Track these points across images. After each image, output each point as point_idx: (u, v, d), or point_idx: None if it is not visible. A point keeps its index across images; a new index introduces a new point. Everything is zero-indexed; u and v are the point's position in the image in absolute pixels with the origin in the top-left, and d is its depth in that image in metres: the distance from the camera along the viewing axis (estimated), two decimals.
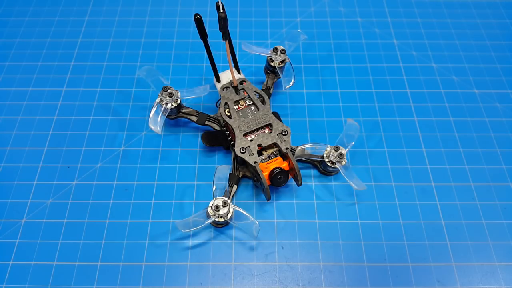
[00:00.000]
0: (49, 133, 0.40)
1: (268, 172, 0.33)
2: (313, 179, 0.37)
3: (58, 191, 0.36)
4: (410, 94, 0.43)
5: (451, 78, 0.44)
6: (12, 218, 0.35)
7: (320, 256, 0.33)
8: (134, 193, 0.36)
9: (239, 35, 0.48)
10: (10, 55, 0.46)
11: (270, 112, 0.36)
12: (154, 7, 0.50)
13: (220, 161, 0.38)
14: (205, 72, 0.44)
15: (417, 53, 0.46)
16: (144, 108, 0.42)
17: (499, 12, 0.51)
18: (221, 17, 0.30)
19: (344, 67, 0.45)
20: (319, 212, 0.35)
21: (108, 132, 0.40)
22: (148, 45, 0.46)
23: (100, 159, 0.38)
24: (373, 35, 0.48)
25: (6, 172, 0.37)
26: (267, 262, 0.33)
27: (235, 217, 0.33)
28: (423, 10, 0.50)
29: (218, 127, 0.38)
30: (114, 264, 0.33)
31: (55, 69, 0.44)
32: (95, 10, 0.50)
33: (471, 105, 0.42)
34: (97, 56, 0.46)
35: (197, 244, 0.34)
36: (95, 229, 0.34)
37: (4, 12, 0.49)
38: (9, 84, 0.43)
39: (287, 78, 0.40)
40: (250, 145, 0.34)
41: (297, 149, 0.35)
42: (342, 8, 0.51)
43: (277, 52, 0.39)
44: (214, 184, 0.33)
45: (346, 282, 0.32)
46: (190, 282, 0.32)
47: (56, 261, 0.33)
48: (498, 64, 0.46)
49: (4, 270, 0.33)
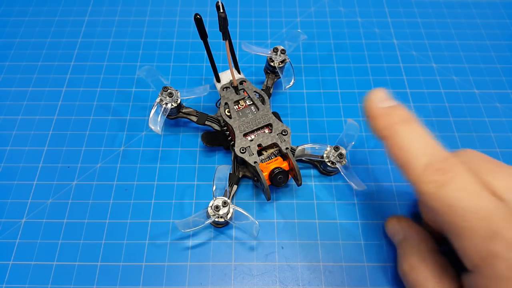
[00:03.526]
0: (49, 133, 0.40)
1: (268, 172, 0.33)
2: (313, 179, 0.37)
3: (58, 191, 0.36)
4: (410, 94, 0.43)
5: (451, 78, 0.44)
6: (12, 218, 0.35)
7: (320, 256, 0.33)
8: (134, 193, 0.36)
9: (239, 35, 0.48)
10: (10, 55, 0.46)
11: (270, 112, 0.36)
12: (154, 7, 0.50)
13: (220, 161, 0.38)
14: (205, 72, 0.44)
15: (417, 53, 0.46)
16: (144, 108, 0.42)
17: (499, 12, 0.51)
18: (221, 17, 0.29)
19: (344, 67, 0.45)
20: (319, 212, 0.35)
21: (108, 132, 0.40)
22: (148, 45, 0.46)
23: (100, 159, 0.38)
24: (373, 35, 0.48)
25: (6, 172, 0.37)
26: (267, 262, 0.33)
27: (235, 217, 0.33)
28: (423, 10, 0.50)
29: (218, 127, 0.38)
30: (114, 264, 0.33)
31: (55, 69, 0.44)
32: (95, 10, 0.50)
33: (471, 105, 0.42)
34: (97, 56, 0.46)
35: (197, 244, 0.34)
36: (95, 229, 0.34)
37: (4, 12, 0.50)
38: (9, 84, 0.43)
39: (287, 78, 0.40)
40: (250, 145, 0.34)
41: (297, 149, 0.35)
42: (342, 8, 0.51)
43: (277, 52, 0.39)
44: (214, 184, 0.33)
45: (346, 282, 0.32)
46: (190, 282, 0.32)
47: (56, 261, 0.33)
48: (498, 64, 0.46)
49: (4, 270, 0.33)
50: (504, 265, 0.21)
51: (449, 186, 0.23)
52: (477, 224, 0.22)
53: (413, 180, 0.24)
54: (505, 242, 0.21)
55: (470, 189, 0.23)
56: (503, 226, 0.21)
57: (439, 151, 0.25)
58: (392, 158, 0.26)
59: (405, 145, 0.25)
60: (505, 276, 0.21)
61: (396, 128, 0.26)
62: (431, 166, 0.24)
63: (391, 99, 0.28)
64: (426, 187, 0.24)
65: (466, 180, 0.23)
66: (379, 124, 0.27)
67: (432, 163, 0.24)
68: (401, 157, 0.25)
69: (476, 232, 0.22)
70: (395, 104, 0.27)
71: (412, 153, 0.25)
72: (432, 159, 0.24)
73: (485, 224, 0.22)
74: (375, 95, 0.28)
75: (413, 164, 0.24)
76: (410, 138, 0.25)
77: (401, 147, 0.25)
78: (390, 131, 0.26)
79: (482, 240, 0.22)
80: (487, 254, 0.21)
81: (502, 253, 0.21)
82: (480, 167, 0.25)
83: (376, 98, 0.28)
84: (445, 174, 0.23)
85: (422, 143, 0.25)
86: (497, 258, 0.21)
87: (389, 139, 0.26)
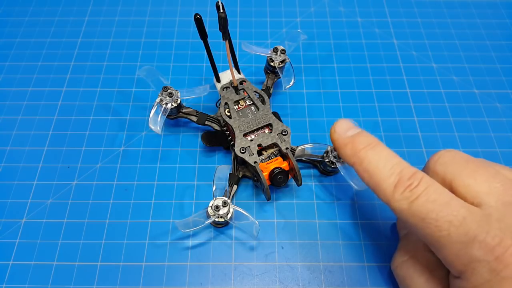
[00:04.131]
0: (49, 133, 0.40)
1: (268, 172, 0.33)
2: (313, 179, 0.37)
3: (58, 191, 0.36)
4: (410, 94, 0.43)
5: (451, 78, 0.44)
6: (12, 218, 0.35)
7: (320, 256, 0.33)
8: (134, 193, 0.36)
9: (239, 35, 0.48)
10: (10, 55, 0.46)
11: (270, 112, 0.36)
12: (154, 7, 0.50)
13: (220, 161, 0.38)
14: (205, 72, 0.44)
15: (417, 53, 0.46)
16: (144, 108, 0.42)
17: (499, 12, 0.51)
18: (221, 17, 0.29)
19: (344, 67, 0.45)
20: (319, 212, 0.35)
21: (108, 132, 0.40)
22: (148, 45, 0.46)
23: (100, 159, 0.38)
24: (373, 35, 0.48)
25: (6, 172, 0.37)
26: (267, 262, 0.33)
27: (235, 217, 0.33)
28: (423, 10, 0.50)
29: (218, 127, 0.38)
30: (114, 264, 0.33)
31: (55, 69, 0.44)
32: (95, 10, 0.50)
33: (471, 105, 0.42)
34: (97, 56, 0.46)
35: (197, 244, 0.34)
36: (95, 229, 0.34)
37: (4, 12, 0.50)
38: (9, 84, 0.43)
39: (287, 78, 0.40)
40: (250, 145, 0.34)
41: (297, 149, 0.35)
42: (342, 8, 0.51)
43: (277, 52, 0.39)
44: (214, 184, 0.33)
45: (346, 282, 0.32)
46: (190, 282, 0.32)
47: (56, 261, 0.33)
48: (498, 64, 0.46)
49: (4, 270, 0.33)
50: (486, 268, 0.21)
51: (419, 200, 0.24)
52: (453, 232, 0.22)
53: (385, 200, 0.25)
54: (483, 246, 0.21)
55: (441, 199, 0.23)
56: (479, 230, 0.22)
57: (406, 168, 0.25)
58: (364, 182, 0.27)
59: (372, 169, 0.26)
60: (487, 279, 0.21)
61: (362, 154, 0.27)
62: (400, 184, 0.25)
63: (354, 127, 0.29)
64: (398, 204, 0.24)
65: (435, 192, 0.24)
66: (346, 152, 0.28)
67: (400, 181, 0.25)
68: (371, 181, 0.26)
69: (454, 240, 0.22)
70: (359, 131, 0.29)
71: (379, 175, 0.26)
72: (399, 177, 0.25)
73: (462, 231, 0.22)
74: (339, 126, 0.29)
75: (382, 186, 0.25)
76: (376, 161, 0.26)
77: (369, 171, 0.26)
78: (357, 157, 0.27)
79: (461, 247, 0.22)
80: (468, 260, 0.22)
81: (482, 257, 0.21)
82: (460, 170, 0.25)
83: (340, 128, 0.29)
84: (414, 189, 0.24)
85: (388, 163, 0.26)
86: (478, 263, 0.22)
87: (357, 165, 0.27)
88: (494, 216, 0.22)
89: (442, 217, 0.23)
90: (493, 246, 0.21)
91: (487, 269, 0.21)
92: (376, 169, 0.26)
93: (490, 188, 0.24)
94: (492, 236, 0.21)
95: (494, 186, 0.24)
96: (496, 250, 0.21)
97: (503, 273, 0.21)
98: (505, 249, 0.21)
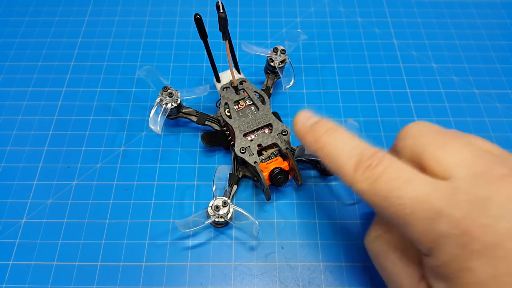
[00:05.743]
0: (49, 133, 0.40)
1: (268, 172, 0.33)
2: (313, 179, 0.37)
3: (58, 191, 0.36)
4: (410, 94, 0.43)
5: (451, 78, 0.44)
6: (12, 218, 0.35)
7: (320, 256, 0.33)
8: (134, 193, 0.36)
9: (239, 35, 0.48)
10: (10, 55, 0.46)
11: (270, 112, 0.36)
12: (154, 7, 0.50)
13: (220, 161, 0.38)
14: (205, 72, 0.44)
15: (417, 53, 0.46)
16: (144, 108, 0.42)
17: (499, 12, 0.51)
18: (221, 17, 0.30)
19: (344, 67, 0.45)
20: (319, 212, 0.35)
21: (108, 132, 0.40)
22: (148, 45, 0.46)
23: (100, 159, 0.38)
24: (373, 35, 0.48)
25: (6, 172, 0.37)
26: (267, 262, 0.33)
27: (235, 217, 0.33)
28: (423, 10, 0.50)
29: (218, 127, 0.38)
30: (114, 264, 0.33)
31: (55, 69, 0.44)
32: (95, 10, 0.50)
33: (471, 105, 0.42)
34: (97, 56, 0.46)
35: (197, 244, 0.34)
36: (95, 229, 0.34)
37: (4, 12, 0.50)
38: (9, 84, 0.43)
39: (287, 78, 0.40)
40: (250, 145, 0.34)
41: (297, 149, 0.35)
42: (342, 8, 0.51)
43: (277, 52, 0.39)
44: (214, 184, 0.33)
45: (346, 282, 0.32)
46: (190, 282, 0.32)
47: (56, 261, 0.33)
48: (498, 64, 0.46)
49: (4, 270, 0.33)
50: (453, 243, 0.20)
51: (381, 179, 0.23)
52: (417, 208, 0.21)
53: (348, 183, 0.25)
54: (449, 220, 0.20)
55: (403, 176, 0.23)
56: (444, 204, 0.21)
57: (366, 149, 0.25)
58: (328, 168, 0.27)
59: (333, 153, 0.26)
60: (456, 254, 0.20)
61: (322, 140, 0.27)
62: (360, 165, 0.24)
63: (314, 116, 0.29)
64: (360, 185, 0.24)
65: (397, 169, 0.23)
66: (308, 140, 0.28)
67: (360, 162, 0.24)
68: (333, 165, 0.26)
69: (419, 217, 0.21)
70: (319, 119, 0.29)
71: (340, 158, 0.25)
72: (360, 158, 0.25)
73: (426, 207, 0.21)
74: (300, 117, 0.29)
75: (344, 168, 0.25)
76: (336, 145, 0.26)
77: (330, 156, 0.26)
78: (318, 143, 0.27)
79: (427, 223, 0.21)
80: (435, 236, 0.21)
81: (448, 231, 0.20)
82: (429, 143, 0.24)
83: (301, 119, 0.29)
84: (374, 169, 0.23)
85: (348, 146, 0.26)
86: (445, 238, 0.21)
87: (319, 151, 0.27)
88: (462, 189, 0.21)
89: (404, 194, 0.22)
90: (459, 219, 0.20)
91: (455, 243, 0.20)
92: (336, 153, 0.26)
93: (460, 160, 0.23)
94: (459, 209, 0.20)
95: (465, 157, 0.23)
96: (462, 223, 0.20)
97: (472, 247, 0.20)
98: (472, 221, 0.20)
